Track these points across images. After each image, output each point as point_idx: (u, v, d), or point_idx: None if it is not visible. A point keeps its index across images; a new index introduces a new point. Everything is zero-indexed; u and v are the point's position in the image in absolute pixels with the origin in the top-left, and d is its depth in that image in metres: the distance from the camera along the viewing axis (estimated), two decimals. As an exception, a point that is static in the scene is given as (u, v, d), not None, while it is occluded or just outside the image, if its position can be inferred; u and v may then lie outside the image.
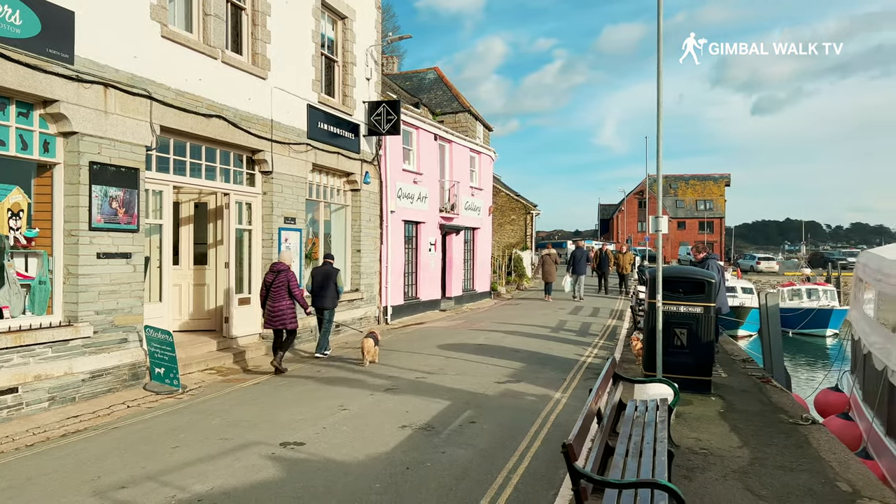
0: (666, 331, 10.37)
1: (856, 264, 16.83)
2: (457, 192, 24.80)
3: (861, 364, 13.54)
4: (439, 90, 33.28)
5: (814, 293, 38.06)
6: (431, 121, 24.02)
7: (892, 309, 10.94)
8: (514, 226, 44.10)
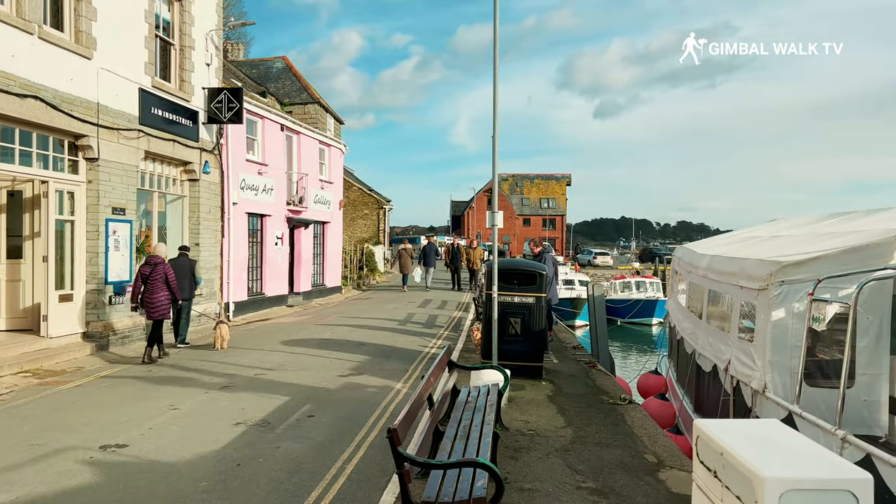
0: (502, 320, 10.85)
1: (672, 258, 18.48)
2: (305, 185, 24.39)
3: (676, 349, 14.90)
4: (287, 80, 32.51)
5: (642, 285, 41.30)
6: (279, 111, 23.44)
7: (700, 298, 12.13)
8: (366, 220, 44.06)
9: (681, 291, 15.01)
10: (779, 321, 7.95)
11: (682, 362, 13.66)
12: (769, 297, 8.07)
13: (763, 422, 3.78)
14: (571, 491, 6.09)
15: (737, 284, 9.31)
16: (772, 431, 2.82)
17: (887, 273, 7.12)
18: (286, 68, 33.53)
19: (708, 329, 11.10)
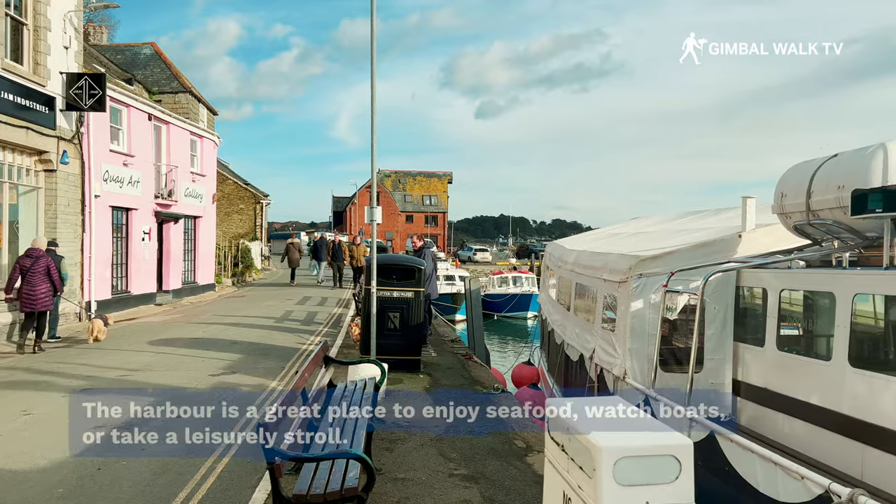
0: (381, 315, 10.92)
1: (544, 254, 19.28)
2: (175, 178, 23.30)
3: (547, 340, 15.59)
4: (157, 67, 30.91)
5: (518, 280, 42.71)
6: (147, 99, 22.27)
7: (569, 291, 12.76)
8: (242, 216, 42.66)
9: (552, 285, 15.71)
10: (637, 311, 8.54)
11: (552, 353, 14.32)
12: (629, 289, 8.65)
13: (606, 399, 4.10)
14: (444, 478, 6.27)
15: (601, 278, 9.90)
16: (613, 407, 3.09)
17: (731, 266, 7.83)
18: (155, 55, 31.86)
19: (575, 320, 11.71)
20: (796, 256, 7.43)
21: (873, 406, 5.44)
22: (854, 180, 6.12)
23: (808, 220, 6.90)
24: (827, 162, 6.82)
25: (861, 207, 5.69)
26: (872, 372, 5.66)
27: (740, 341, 7.59)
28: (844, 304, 5.87)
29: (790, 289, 7.08)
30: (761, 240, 8.32)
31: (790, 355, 6.91)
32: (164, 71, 30.76)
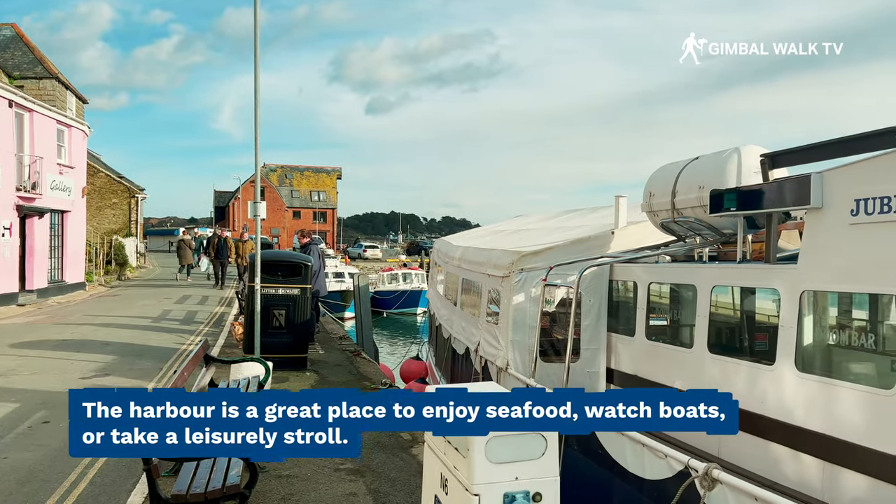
0: (265, 313, 10.70)
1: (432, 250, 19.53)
2: (39, 170, 21.68)
3: (435, 335, 15.81)
4: (18, 50, 28.61)
5: (408, 277, 42.94)
6: (6, 84, 20.60)
7: (455, 286, 13.01)
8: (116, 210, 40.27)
9: (439, 281, 15.95)
10: (519, 305, 8.86)
11: (440, 347, 14.55)
12: (511, 283, 8.95)
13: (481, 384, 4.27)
14: (330, 473, 6.26)
15: (485, 273, 10.18)
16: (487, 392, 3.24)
17: (604, 261, 8.28)
18: (16, 37, 29.46)
19: (462, 315, 11.97)
20: (663, 252, 7.95)
21: (727, 388, 5.93)
22: (712, 181, 6.63)
23: (674, 218, 7.41)
24: (690, 164, 7.35)
25: (718, 206, 6.17)
26: (727, 357, 6.17)
27: (613, 332, 8.03)
28: (704, 295, 6.36)
29: (658, 282, 7.57)
30: (632, 236, 8.84)
31: (658, 344, 7.39)
32: (27, 54, 28.52)
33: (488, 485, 2.82)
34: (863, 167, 4.78)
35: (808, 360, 5.33)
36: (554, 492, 2.89)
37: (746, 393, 5.69)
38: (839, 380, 4.99)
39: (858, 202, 4.59)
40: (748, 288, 6.65)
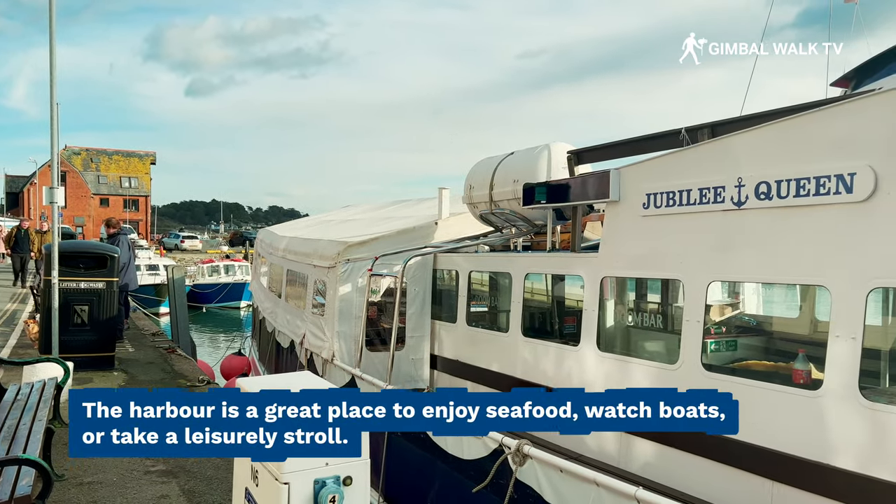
0: (66, 309, 9.77)
1: (256, 241, 18.90)
2: None
3: (258, 329, 15.33)
4: None
5: (231, 269, 41.16)
6: None
7: (280, 278, 12.69)
8: None
9: (263, 273, 15.48)
10: (345, 295, 8.84)
11: (263, 341, 14.13)
12: (337, 273, 8.90)
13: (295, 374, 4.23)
14: (139, 476, 5.87)
15: (311, 263, 10.03)
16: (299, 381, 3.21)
17: (428, 250, 8.50)
18: None
19: (287, 307, 11.71)
20: (482, 241, 8.31)
21: (538, 369, 6.35)
22: (525, 175, 7.04)
23: (492, 210, 7.77)
24: (506, 159, 7.74)
25: (530, 199, 6.57)
26: (538, 340, 6.60)
27: (437, 319, 8.27)
28: (518, 282, 6.74)
29: (477, 270, 7.90)
30: (454, 227, 9.15)
31: (478, 329, 7.73)
32: None
33: (298, 472, 2.80)
34: (652, 165, 5.31)
35: (608, 340, 5.84)
36: (365, 475, 2.93)
37: (555, 373, 6.12)
38: (634, 357, 5.52)
39: (649, 196, 5.09)
40: (557, 275, 7.15)
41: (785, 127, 4.27)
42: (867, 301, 3.72)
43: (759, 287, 6.42)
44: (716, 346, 5.37)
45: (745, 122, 4.86)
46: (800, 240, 4.07)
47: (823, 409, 3.81)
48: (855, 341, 3.74)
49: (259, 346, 14.98)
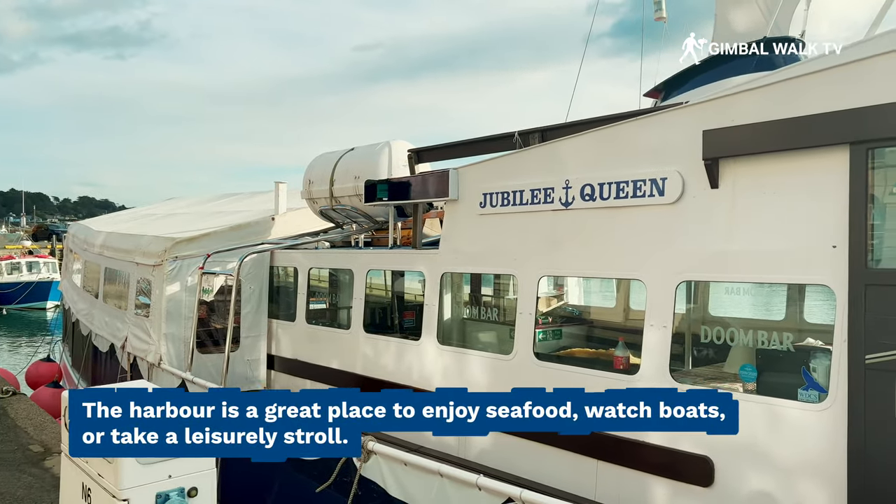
0: None
1: (66, 236, 17.29)
2: None
3: (71, 332, 14.02)
4: None
5: (35, 266, 37.25)
6: None
7: (97, 276, 11.69)
8: None
9: (76, 271, 14.18)
10: (173, 295, 8.35)
11: (77, 346, 12.96)
12: (164, 272, 8.38)
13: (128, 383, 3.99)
14: (-68, 506, 5.19)
15: (133, 261, 9.36)
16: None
17: (265, 247, 8.25)
18: None
19: (105, 308, 10.83)
20: (322, 238, 8.22)
21: (379, 364, 6.41)
22: (367, 172, 7.07)
23: (332, 206, 7.72)
24: (346, 154, 7.71)
25: (372, 196, 6.61)
26: (380, 336, 6.66)
27: (274, 318, 8.07)
28: (360, 279, 6.76)
29: (318, 267, 7.81)
30: (293, 222, 8.97)
31: (318, 327, 7.64)
32: None
33: (138, 487, 2.64)
34: (488, 166, 5.56)
35: (448, 334, 6.04)
36: (211, 484, 2.82)
37: (395, 367, 6.22)
38: (472, 350, 5.75)
39: (486, 195, 5.32)
40: (398, 271, 7.26)
41: (606, 134, 4.65)
42: (676, 293, 4.16)
43: (580, 279, 6.95)
44: (543, 336, 5.74)
45: (571, 128, 5.22)
46: (620, 238, 4.47)
47: (641, 392, 4.20)
48: (666, 329, 4.17)
49: (72, 351, 13.71)
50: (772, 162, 3.78)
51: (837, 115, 3.46)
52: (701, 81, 5.67)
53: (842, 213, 3.45)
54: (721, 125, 3.92)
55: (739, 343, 4.42)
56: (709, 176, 3.98)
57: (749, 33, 5.73)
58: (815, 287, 4.01)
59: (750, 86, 4.01)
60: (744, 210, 3.89)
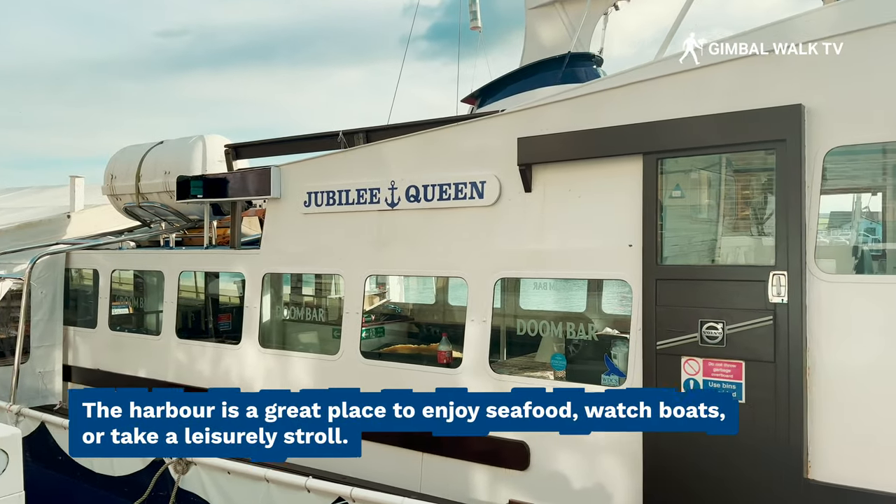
0: None
1: None
2: None
3: None
4: None
5: None
6: None
7: None
8: None
9: None
10: (-54, 303, 7.34)
11: None
12: (-67, 276, 7.33)
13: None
14: None
15: None
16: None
17: (60, 248, 7.49)
18: None
19: None
20: (127, 237, 7.63)
21: (194, 370, 6.11)
22: (179, 167, 6.68)
23: (139, 203, 7.19)
24: (154, 148, 7.23)
25: (185, 193, 6.25)
26: (195, 340, 6.34)
27: (71, 325, 7.38)
28: (172, 281, 6.38)
29: (121, 269, 7.25)
30: (92, 220, 8.24)
31: (122, 334, 7.10)
32: None
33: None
34: (313, 164, 5.52)
35: (268, 336, 5.90)
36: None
37: (212, 373, 5.95)
38: (296, 352, 5.68)
39: (310, 194, 5.28)
40: (212, 272, 6.95)
41: (430, 138, 4.82)
42: (494, 289, 4.43)
43: (401, 278, 7.10)
44: (367, 334, 5.82)
45: (396, 130, 5.33)
46: (443, 238, 4.66)
47: (464, 385, 4.40)
48: (486, 324, 4.42)
49: None
50: (577, 168, 4.15)
51: (632, 128, 3.88)
52: (513, 90, 6.02)
53: (636, 215, 3.88)
54: (533, 133, 4.22)
55: (550, 334, 4.81)
56: (523, 180, 4.28)
57: (555, 47, 6.18)
58: (614, 281, 4.45)
59: (558, 98, 4.36)
60: (553, 212, 4.24)
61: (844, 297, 3.37)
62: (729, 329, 3.56)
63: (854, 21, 3.35)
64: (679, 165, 3.96)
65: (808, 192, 3.42)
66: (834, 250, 4.38)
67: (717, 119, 3.62)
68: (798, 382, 3.39)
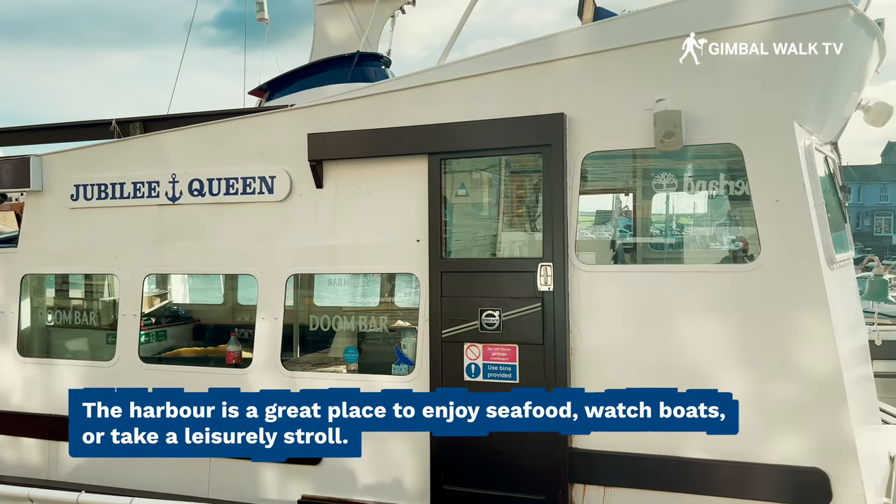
0: None
1: None
2: None
3: None
4: None
5: None
6: None
7: None
8: None
9: None
10: None
11: None
12: None
13: None
14: None
15: None
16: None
17: None
18: None
19: None
20: None
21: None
22: None
23: None
24: None
25: None
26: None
27: None
28: None
29: None
30: None
31: None
32: None
33: None
34: (81, 155, 5.05)
35: (29, 344, 5.29)
36: None
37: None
38: (61, 359, 5.15)
39: (78, 187, 4.82)
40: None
41: (215, 130, 4.63)
42: (286, 286, 4.39)
43: (185, 277, 6.75)
44: (147, 338, 5.47)
45: (177, 120, 5.04)
46: (231, 234, 4.51)
47: (254, 384, 4.30)
48: (277, 321, 4.36)
49: None
50: (368, 166, 4.25)
51: (418, 129, 4.06)
52: (303, 85, 5.97)
53: (423, 212, 4.07)
54: (324, 129, 4.25)
55: (343, 329, 4.87)
56: (314, 176, 4.29)
57: (343, 45, 6.24)
58: (405, 275, 4.63)
59: (348, 96, 4.43)
60: (345, 208, 4.30)
61: (599, 285, 3.82)
62: (505, 316, 3.88)
63: (601, 41, 3.81)
64: (461, 166, 4.22)
65: (569, 192, 3.82)
66: (594, 244, 4.92)
67: (492, 124, 3.92)
68: (563, 362, 3.79)
